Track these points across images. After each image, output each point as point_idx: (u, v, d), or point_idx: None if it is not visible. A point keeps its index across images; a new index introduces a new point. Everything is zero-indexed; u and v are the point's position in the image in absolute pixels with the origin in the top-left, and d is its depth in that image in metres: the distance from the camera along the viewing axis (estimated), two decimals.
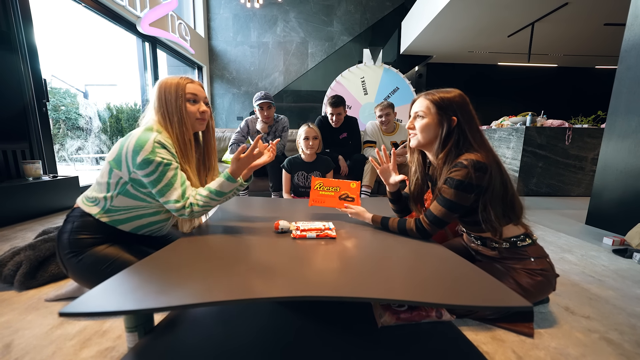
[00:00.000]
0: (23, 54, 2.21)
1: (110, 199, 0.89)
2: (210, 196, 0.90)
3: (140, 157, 0.82)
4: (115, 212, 0.90)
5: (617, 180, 1.95)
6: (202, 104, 0.97)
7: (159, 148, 0.84)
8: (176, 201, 0.86)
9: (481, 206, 0.87)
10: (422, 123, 0.93)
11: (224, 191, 0.91)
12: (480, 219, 0.89)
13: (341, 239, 0.91)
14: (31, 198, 2.03)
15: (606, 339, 0.86)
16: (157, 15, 3.88)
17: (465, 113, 0.90)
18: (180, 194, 0.87)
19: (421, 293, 0.59)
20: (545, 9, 3.83)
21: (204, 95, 0.98)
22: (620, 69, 1.95)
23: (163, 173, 0.85)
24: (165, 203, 0.87)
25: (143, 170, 0.83)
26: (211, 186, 0.91)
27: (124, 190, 0.88)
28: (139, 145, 0.83)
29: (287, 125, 2.40)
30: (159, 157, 0.84)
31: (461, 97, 0.91)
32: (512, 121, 3.32)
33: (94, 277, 0.84)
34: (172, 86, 0.93)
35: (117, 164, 0.86)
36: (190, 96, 0.94)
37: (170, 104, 0.91)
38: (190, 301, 0.53)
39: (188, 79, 0.95)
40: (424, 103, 0.93)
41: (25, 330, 0.86)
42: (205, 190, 0.91)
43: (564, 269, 1.36)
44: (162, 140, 0.86)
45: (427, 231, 0.90)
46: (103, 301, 0.53)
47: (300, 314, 0.81)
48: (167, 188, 0.86)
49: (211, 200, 0.90)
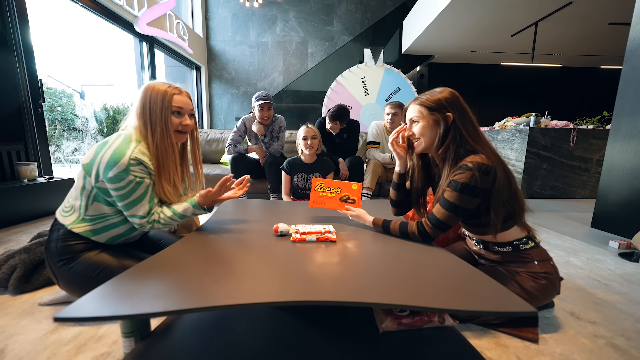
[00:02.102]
0: (19, 54, 2.21)
1: (85, 207, 0.88)
2: (173, 217, 0.93)
3: (113, 172, 0.82)
4: (91, 221, 0.89)
5: (623, 182, 1.95)
6: (186, 117, 0.96)
7: (134, 165, 0.84)
8: (141, 217, 0.88)
9: (484, 209, 0.87)
10: (419, 127, 0.95)
11: (186, 215, 0.95)
12: (483, 222, 0.89)
13: (342, 242, 0.91)
14: (26, 200, 2.02)
15: (612, 345, 0.86)
16: (154, 15, 3.90)
17: (457, 109, 0.91)
18: (147, 210, 0.89)
19: (423, 298, 0.59)
20: (549, 8, 3.85)
21: (190, 108, 0.97)
22: (626, 69, 1.95)
23: (132, 190, 0.85)
24: (130, 216, 0.89)
25: (112, 184, 0.83)
26: (177, 209, 0.94)
27: (98, 197, 0.88)
28: (114, 160, 0.82)
29: (284, 126, 2.40)
30: (132, 175, 0.84)
31: (451, 94, 0.93)
32: (516, 122, 3.32)
33: (86, 285, 0.82)
34: (158, 94, 0.91)
35: (88, 170, 0.85)
36: (176, 109, 0.93)
37: (155, 114, 0.90)
38: (187, 306, 0.53)
39: (176, 89, 0.94)
40: (415, 108, 0.95)
41: (20, 336, 0.86)
42: (170, 211, 0.93)
43: (569, 273, 1.36)
44: (139, 156, 0.85)
45: (430, 234, 0.90)
46: (99, 306, 0.53)
47: (300, 319, 0.81)
48: (134, 204, 0.87)
49: (172, 221, 0.94)
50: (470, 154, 0.87)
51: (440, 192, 0.91)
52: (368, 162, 2.41)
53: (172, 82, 0.97)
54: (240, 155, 2.27)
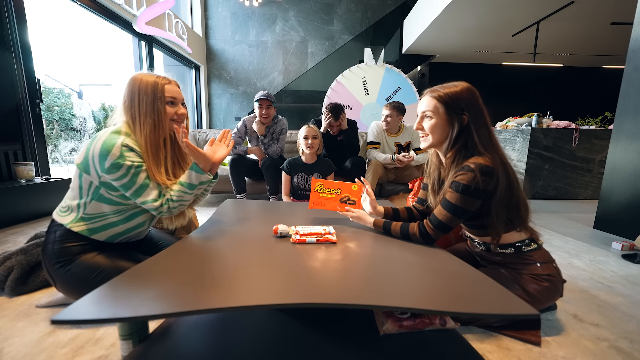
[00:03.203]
0: (16, 53, 2.22)
1: (84, 205, 0.88)
2: (182, 190, 0.91)
3: (108, 161, 0.81)
4: (89, 220, 0.89)
5: (626, 182, 1.95)
6: (180, 106, 0.95)
7: (127, 151, 0.83)
8: (154, 200, 0.88)
9: (486, 210, 0.87)
10: (431, 124, 0.91)
11: (193, 183, 0.92)
12: (485, 223, 0.89)
13: (342, 243, 0.91)
14: (23, 201, 2.02)
15: (616, 348, 0.86)
16: (153, 14, 3.91)
17: (474, 110, 0.87)
18: (157, 193, 0.88)
19: (424, 300, 0.59)
20: (551, 7, 3.85)
21: (182, 97, 0.98)
22: (628, 69, 1.95)
23: (135, 175, 0.85)
24: (143, 203, 0.88)
25: (112, 175, 0.82)
26: (181, 179, 0.93)
27: (97, 196, 0.87)
28: (105, 149, 0.81)
29: (285, 127, 2.40)
30: (129, 161, 0.83)
31: (469, 92, 0.89)
32: (518, 122, 3.32)
33: (83, 287, 0.81)
34: (148, 86, 0.89)
35: (85, 168, 0.85)
36: (170, 99, 0.92)
37: (146, 105, 0.88)
38: (186, 308, 0.53)
39: (165, 79, 0.93)
40: (431, 102, 0.90)
41: (16, 338, 0.86)
42: (177, 185, 0.92)
43: (571, 275, 1.35)
44: (130, 144, 0.85)
45: (431, 236, 0.89)
46: (97, 308, 0.53)
47: (300, 322, 0.81)
48: (142, 190, 0.86)
49: (184, 194, 0.91)
50: (476, 155, 0.86)
51: (442, 192, 0.91)
52: (369, 162, 2.41)
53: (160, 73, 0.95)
54: (239, 157, 2.27)
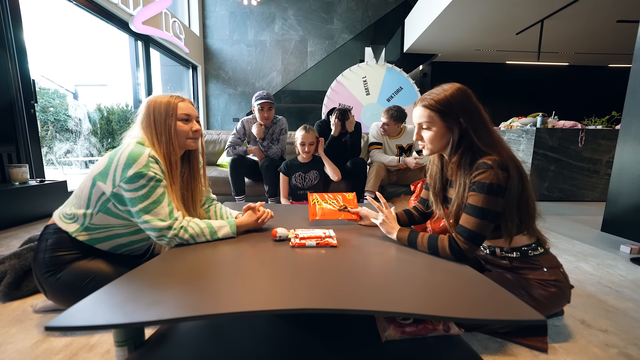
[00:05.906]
0: (11, 53, 2.23)
1: (90, 216, 0.88)
2: (204, 231, 0.91)
3: (132, 170, 0.82)
4: (94, 230, 0.90)
5: (634, 184, 1.94)
6: (194, 123, 0.99)
7: (152, 162, 0.85)
8: (162, 220, 0.85)
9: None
10: (430, 135, 0.90)
11: (217, 234, 0.93)
12: (498, 224, 0.86)
13: (343, 247, 0.90)
14: (17, 204, 2.02)
15: (625, 355, 0.85)
16: (150, 13, 3.92)
17: (469, 111, 0.86)
18: (167, 212, 0.87)
19: (427, 305, 0.58)
20: (555, 5, 3.86)
21: (196, 114, 1.02)
22: (635, 68, 1.96)
23: (153, 188, 0.85)
24: (146, 222, 0.84)
25: (132, 184, 0.82)
26: (213, 224, 0.94)
27: (104, 208, 0.88)
28: (132, 158, 0.83)
29: (285, 127, 2.40)
30: (152, 172, 0.85)
31: (460, 93, 0.87)
32: (522, 122, 3.33)
33: (74, 295, 0.77)
34: (162, 105, 0.94)
35: (103, 177, 0.85)
36: (183, 116, 0.96)
37: (160, 124, 0.93)
38: (182, 314, 0.52)
39: (179, 98, 0.98)
40: (424, 112, 0.89)
41: (8, 345, 0.85)
42: (204, 223, 0.92)
43: (579, 279, 1.35)
44: (156, 156, 0.88)
45: (463, 252, 0.81)
46: (91, 314, 0.52)
47: (299, 327, 0.81)
48: (154, 205, 0.85)
49: (201, 236, 0.91)
50: (482, 155, 0.85)
51: (456, 202, 0.88)
52: (371, 164, 2.42)
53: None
54: (239, 157, 2.27)
